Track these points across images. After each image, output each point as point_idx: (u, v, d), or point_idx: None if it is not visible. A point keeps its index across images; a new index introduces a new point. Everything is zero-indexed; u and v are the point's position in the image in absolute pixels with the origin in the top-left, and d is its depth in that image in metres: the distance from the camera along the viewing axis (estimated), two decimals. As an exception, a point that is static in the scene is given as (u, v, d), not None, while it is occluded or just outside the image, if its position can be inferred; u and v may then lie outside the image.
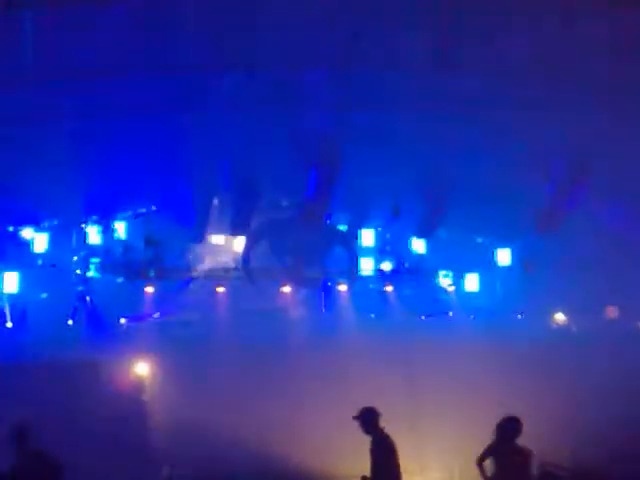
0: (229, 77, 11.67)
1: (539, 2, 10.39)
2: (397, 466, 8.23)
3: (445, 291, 16.70)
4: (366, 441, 9.43)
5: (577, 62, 10.53)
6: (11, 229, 15.79)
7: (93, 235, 16.39)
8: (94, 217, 16.39)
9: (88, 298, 16.28)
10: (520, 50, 10.81)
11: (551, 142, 12.22)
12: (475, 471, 9.80)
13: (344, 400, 11.96)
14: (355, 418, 7.79)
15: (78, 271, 16.43)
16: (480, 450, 9.79)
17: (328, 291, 16.39)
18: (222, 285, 16.45)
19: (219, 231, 16.44)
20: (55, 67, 11.09)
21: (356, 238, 16.58)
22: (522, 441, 9.74)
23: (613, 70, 10.61)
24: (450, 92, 11.56)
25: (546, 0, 10.45)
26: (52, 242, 16.16)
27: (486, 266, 16.46)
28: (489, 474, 9.56)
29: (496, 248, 16.44)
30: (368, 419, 7.56)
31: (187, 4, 10.65)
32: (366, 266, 16.71)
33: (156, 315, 16.16)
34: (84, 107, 12.10)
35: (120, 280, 16.24)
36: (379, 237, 16.77)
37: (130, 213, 16.53)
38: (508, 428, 9.52)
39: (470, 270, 16.47)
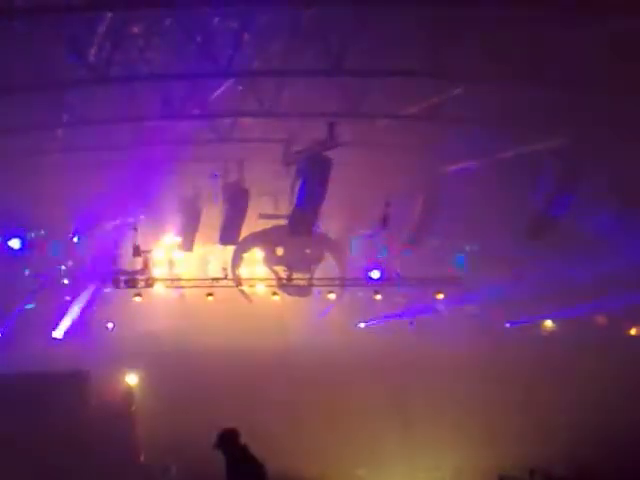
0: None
1: None
2: None
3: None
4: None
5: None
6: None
7: (80, 245, 16.35)
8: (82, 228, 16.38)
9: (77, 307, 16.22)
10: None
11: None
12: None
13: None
14: (215, 446, 7.71)
15: (65, 281, 16.36)
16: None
17: None
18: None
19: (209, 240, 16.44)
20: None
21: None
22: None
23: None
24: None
25: None
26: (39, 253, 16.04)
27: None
28: None
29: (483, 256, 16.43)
30: (223, 441, 7.56)
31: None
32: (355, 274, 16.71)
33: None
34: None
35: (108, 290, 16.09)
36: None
37: (118, 223, 16.48)
38: None
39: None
